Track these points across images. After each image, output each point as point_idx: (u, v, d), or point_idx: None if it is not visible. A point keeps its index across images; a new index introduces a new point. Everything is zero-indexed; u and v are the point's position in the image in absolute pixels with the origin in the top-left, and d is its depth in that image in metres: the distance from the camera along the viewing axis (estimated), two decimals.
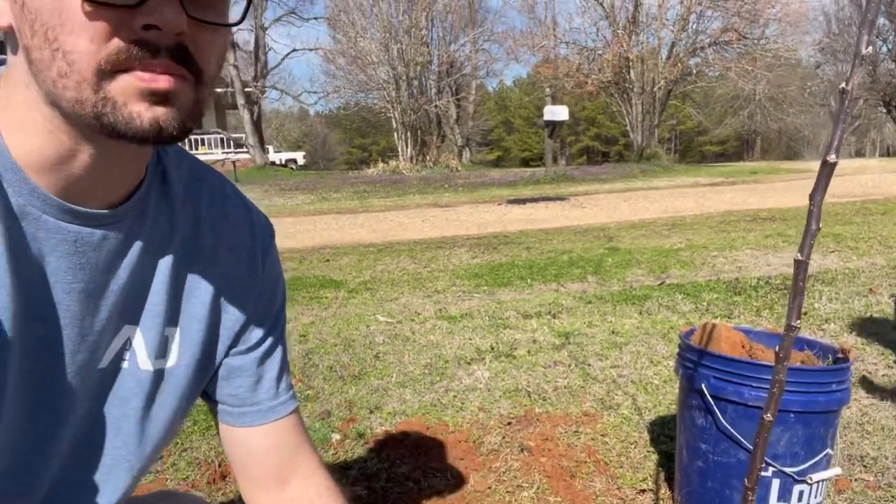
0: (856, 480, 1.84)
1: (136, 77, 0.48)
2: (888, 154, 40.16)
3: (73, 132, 0.52)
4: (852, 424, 2.19)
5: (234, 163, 23.01)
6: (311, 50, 31.23)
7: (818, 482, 1.48)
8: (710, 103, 39.79)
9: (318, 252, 6.83)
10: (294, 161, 31.32)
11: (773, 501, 1.48)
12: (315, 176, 23.08)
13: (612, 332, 3.33)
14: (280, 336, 0.82)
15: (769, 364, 1.50)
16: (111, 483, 0.69)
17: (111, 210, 0.59)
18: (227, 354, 0.76)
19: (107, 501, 0.69)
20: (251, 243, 0.76)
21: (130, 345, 0.67)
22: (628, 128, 27.85)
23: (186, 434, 2.29)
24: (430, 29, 31.66)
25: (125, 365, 0.67)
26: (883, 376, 2.62)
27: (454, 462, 2.05)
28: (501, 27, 34.43)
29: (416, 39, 29.50)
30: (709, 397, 1.52)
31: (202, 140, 26.66)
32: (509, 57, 32.93)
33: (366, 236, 8.07)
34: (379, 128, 45.36)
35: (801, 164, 22.64)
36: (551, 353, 3.07)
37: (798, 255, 0.62)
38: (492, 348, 3.15)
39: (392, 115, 29.87)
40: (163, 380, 0.70)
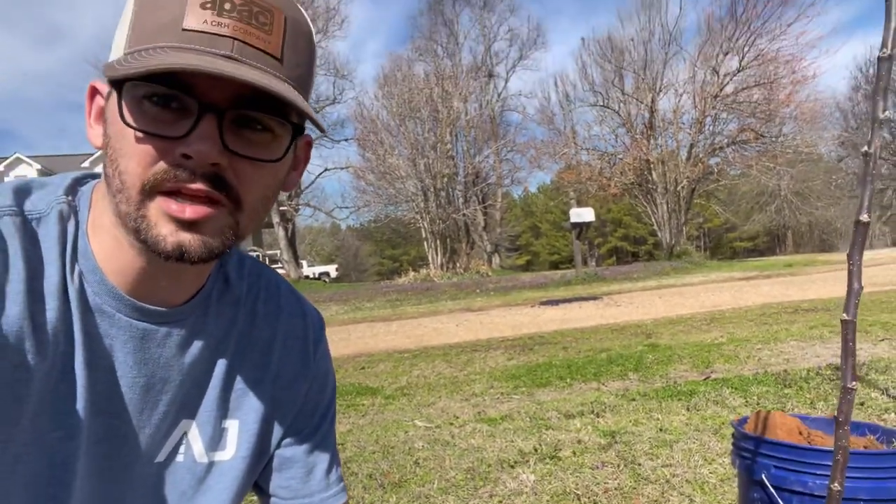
0: None
1: (167, 203, 0.53)
2: None
3: (131, 239, 0.57)
4: None
5: None
6: (342, 168, 32.77)
7: None
8: (736, 200, 39.99)
9: (354, 360, 6.82)
10: (327, 274, 31.99)
11: None
12: (348, 287, 23.43)
13: (661, 430, 3.21)
14: (330, 426, 0.82)
15: (831, 449, 1.43)
16: None
17: (176, 308, 0.64)
18: (279, 445, 0.77)
19: None
20: (304, 335, 0.79)
21: (186, 438, 0.69)
22: (655, 227, 28.03)
23: None
24: (454, 143, 33.19)
25: (180, 458, 0.69)
26: None
27: None
28: (523, 138, 35.75)
29: (442, 153, 30.85)
30: (771, 488, 1.45)
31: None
32: (532, 165, 33.95)
33: (400, 343, 8.05)
34: (409, 238, 46.39)
35: (837, 256, 22.27)
36: (598, 453, 2.95)
37: (844, 315, 0.63)
38: (535, 450, 3.05)
39: (421, 224, 30.68)
40: (218, 472, 0.71)
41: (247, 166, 0.55)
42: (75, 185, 0.63)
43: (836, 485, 0.62)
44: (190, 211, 0.53)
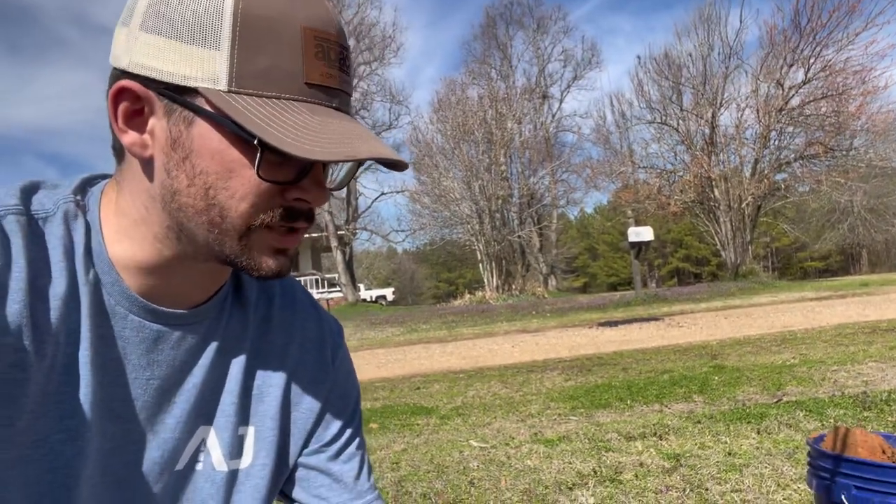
0: None
1: (274, 238, 0.57)
2: None
3: (180, 251, 0.58)
4: None
5: (328, 301, 24.01)
6: (398, 192, 33.24)
7: None
8: (805, 218, 38.25)
9: (409, 380, 6.81)
10: (384, 297, 32.29)
11: None
12: (404, 310, 23.58)
13: (729, 454, 3.04)
14: (356, 433, 0.79)
15: None
16: None
17: (190, 311, 0.63)
18: (301, 453, 0.75)
19: None
20: (320, 340, 0.77)
21: (205, 445, 0.67)
22: (719, 246, 27.06)
23: None
24: (509, 165, 33.19)
25: (200, 466, 0.67)
26: None
27: None
28: (578, 158, 35.37)
29: (497, 175, 30.89)
30: None
31: (300, 282, 28.18)
32: (588, 185, 33.46)
33: (456, 363, 8.00)
34: (464, 261, 46.46)
35: None
36: (661, 476, 2.82)
37: None
38: (594, 472, 2.94)
39: (476, 247, 30.67)
40: (238, 480, 0.69)
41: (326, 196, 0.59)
42: (85, 185, 0.62)
43: None
44: (292, 242, 0.59)
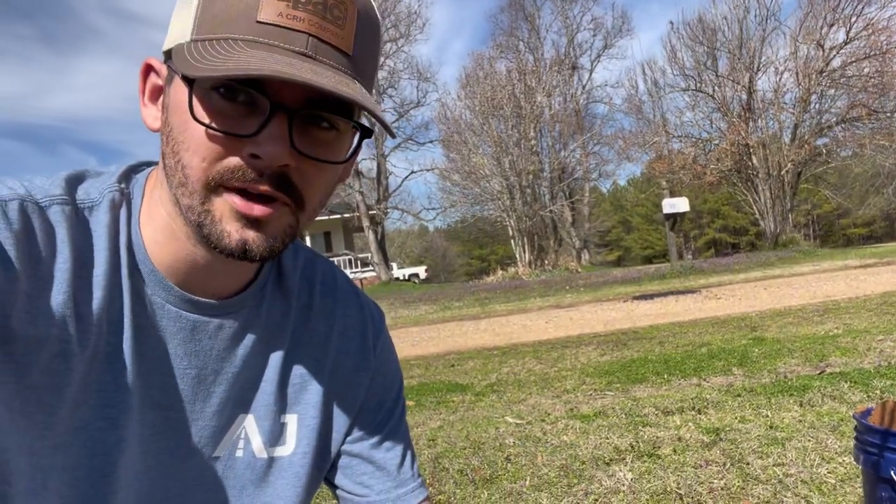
0: None
1: (233, 200, 0.52)
2: None
3: (188, 231, 0.56)
4: None
5: (361, 281, 24.27)
6: (428, 170, 33.19)
7: None
8: (848, 183, 36.94)
9: (443, 358, 6.85)
10: (416, 275, 32.48)
11: None
12: (437, 288, 23.69)
13: (771, 427, 2.98)
14: (399, 421, 0.79)
15: None
16: None
17: (227, 300, 0.62)
18: (345, 441, 0.74)
19: None
20: (362, 327, 0.76)
21: (245, 433, 0.67)
22: (757, 216, 26.41)
23: None
24: (539, 139, 32.78)
25: (240, 453, 0.67)
26: None
27: None
28: (610, 130, 34.72)
29: (527, 150, 30.56)
30: None
31: (339, 266, 28.49)
32: (621, 157, 32.88)
33: (489, 340, 8.01)
34: (496, 237, 46.35)
35: None
36: (701, 451, 2.78)
37: None
38: (632, 447, 2.91)
39: (508, 223, 30.52)
40: (279, 468, 0.69)
41: (312, 167, 0.54)
42: (129, 173, 0.63)
43: None
44: (258, 209, 0.52)
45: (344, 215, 29.21)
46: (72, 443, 0.54)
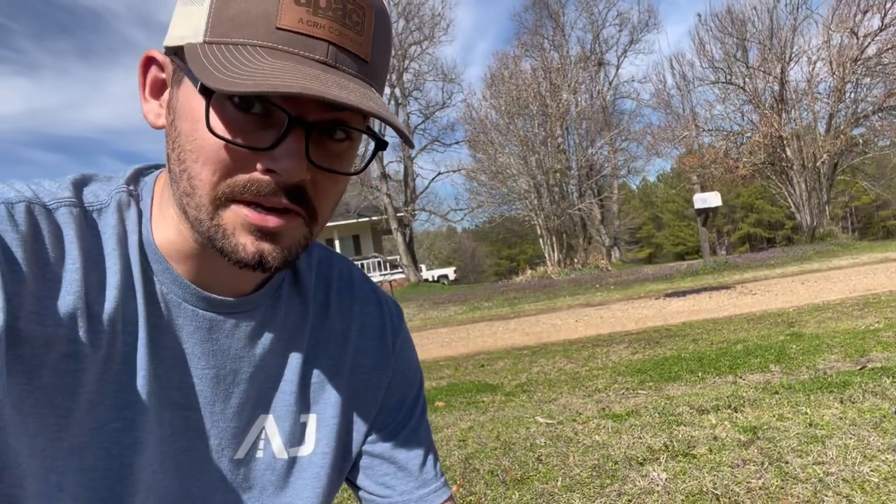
0: None
1: (246, 214, 0.50)
2: None
3: (198, 238, 0.55)
4: None
5: (390, 283, 24.39)
6: (454, 171, 33.18)
7: None
8: (887, 174, 35.84)
9: (473, 358, 6.83)
10: (445, 277, 32.52)
11: None
12: (466, 288, 23.67)
13: (810, 425, 2.89)
14: (420, 420, 0.78)
15: None
16: None
17: (243, 298, 0.62)
18: (365, 441, 0.74)
19: None
20: (381, 324, 0.75)
21: (265, 433, 0.66)
22: (793, 209, 25.79)
23: None
24: (565, 137, 32.54)
25: (260, 454, 0.66)
26: None
27: None
28: (638, 125, 34.30)
29: (553, 148, 30.36)
30: None
31: (362, 265, 28.74)
32: (650, 153, 32.44)
33: (519, 340, 7.97)
34: (524, 237, 46.14)
35: None
36: (737, 450, 2.71)
37: None
38: (666, 447, 2.86)
39: (536, 222, 30.35)
40: (299, 468, 0.69)
41: (326, 179, 0.53)
42: (138, 175, 0.62)
43: None
44: (272, 221, 0.51)
45: (372, 218, 29.41)
46: (88, 444, 0.54)
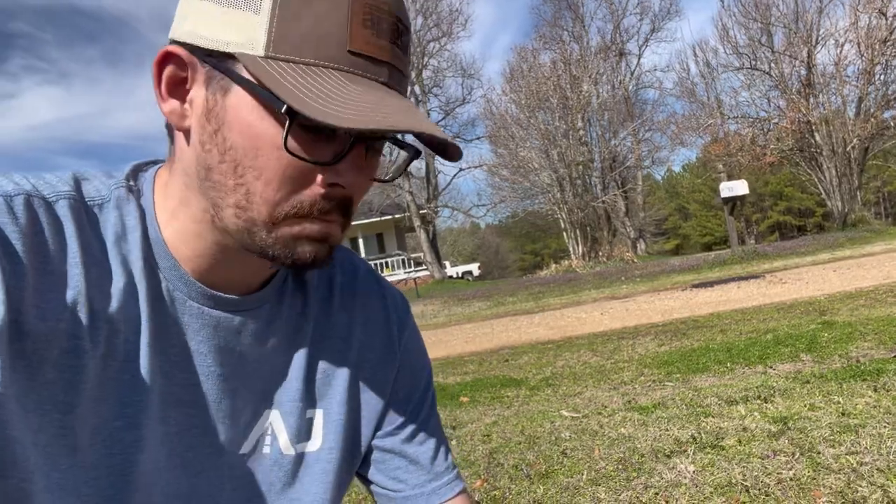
0: None
1: (309, 229, 0.52)
2: None
3: (218, 238, 0.55)
4: None
5: (415, 280, 24.44)
6: (476, 167, 33.10)
7: None
8: None
9: (497, 353, 6.80)
10: (470, 273, 32.47)
11: None
12: (490, 284, 23.62)
13: (843, 414, 2.82)
14: (430, 413, 0.77)
15: None
16: None
17: (249, 296, 0.61)
18: (374, 436, 0.73)
19: None
20: (385, 318, 0.74)
21: (272, 429, 0.66)
22: (823, 195, 25.22)
23: None
24: (587, 129, 32.24)
25: (266, 450, 0.66)
26: None
27: None
28: (662, 115, 33.81)
29: (575, 141, 30.10)
30: None
31: (386, 263, 28.83)
32: (674, 143, 31.95)
33: (543, 334, 7.92)
34: (548, 231, 45.88)
35: None
36: (767, 441, 2.65)
37: None
38: (694, 439, 2.81)
39: (559, 216, 30.16)
40: (307, 464, 0.68)
41: (366, 187, 0.55)
42: (137, 171, 0.61)
43: None
44: (326, 230, 0.53)
45: (395, 216, 29.48)
46: (90, 441, 0.53)
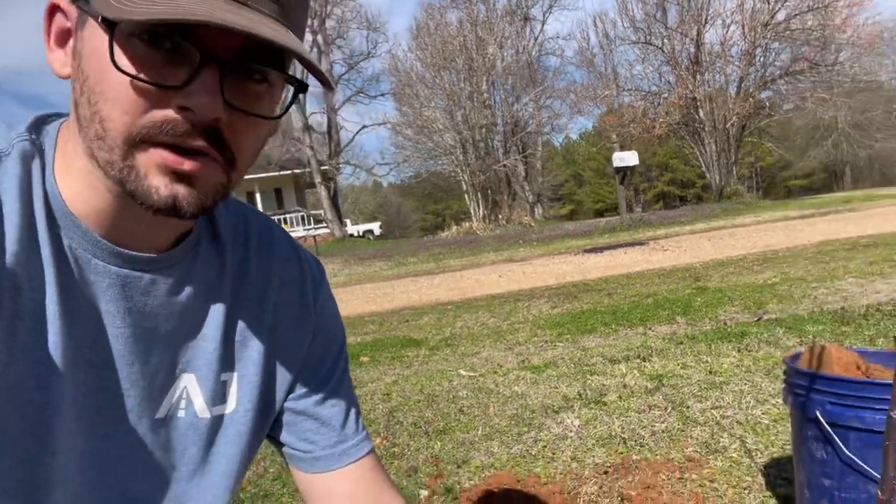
0: None
1: (162, 155, 0.49)
2: None
3: (110, 185, 0.53)
4: None
5: (314, 238, 23.97)
6: (379, 125, 32.72)
7: None
8: (790, 136, 38.13)
9: (398, 314, 6.88)
10: (371, 232, 32.27)
11: None
12: (391, 244, 23.64)
13: (710, 372, 3.12)
14: (343, 376, 0.78)
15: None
16: None
17: (160, 254, 0.59)
18: (287, 398, 0.74)
19: None
20: (301, 282, 0.75)
21: (186, 393, 0.65)
22: (703, 168, 27.08)
23: None
24: (491, 92, 32.49)
25: (181, 413, 0.65)
26: None
27: None
28: (562, 83, 34.71)
29: (479, 103, 30.31)
30: (826, 426, 1.37)
31: (284, 219, 28.01)
32: (573, 111, 33.05)
33: (443, 295, 8.09)
34: (450, 192, 46.28)
35: None
36: (644, 396, 2.90)
37: None
38: (580, 395, 3.02)
39: (461, 178, 30.48)
40: (222, 426, 0.68)
41: (244, 122, 0.51)
42: (39, 124, 0.58)
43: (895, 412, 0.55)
44: (189, 164, 0.49)
45: (295, 171, 28.57)
46: (4, 404, 0.52)
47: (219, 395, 0.67)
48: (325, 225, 28.23)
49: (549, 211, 40.60)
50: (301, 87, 0.54)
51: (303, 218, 28.85)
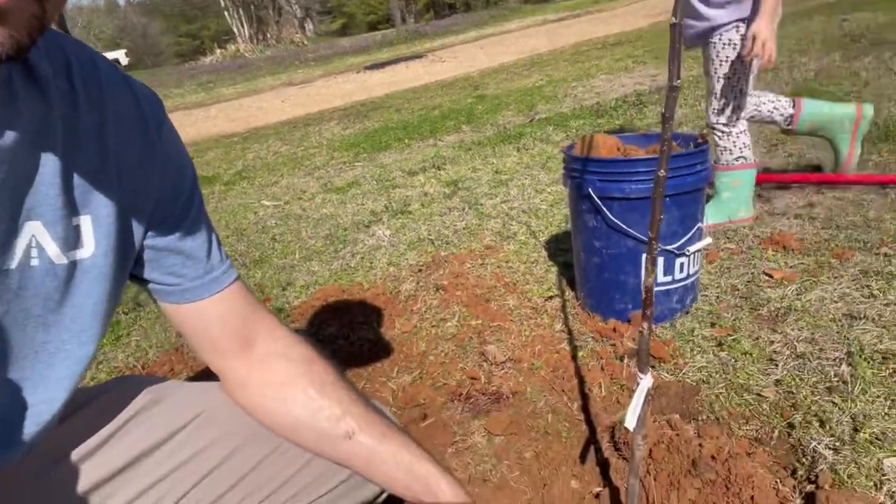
0: (722, 250, 2.15)
1: None
2: None
3: None
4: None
5: None
6: None
7: (694, 253, 1.72)
8: None
9: None
10: (116, 61, 27.84)
11: (661, 276, 1.72)
12: (146, 74, 20.81)
13: (496, 172, 3.48)
14: (200, 209, 0.79)
15: (645, 158, 1.67)
16: (52, 379, 0.68)
17: None
18: (146, 236, 0.74)
19: (52, 396, 0.68)
20: (139, 115, 0.71)
21: (36, 241, 0.63)
22: None
23: (98, 348, 2.21)
24: None
25: (35, 262, 0.63)
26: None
27: (376, 313, 2.16)
28: None
29: None
30: (596, 199, 1.69)
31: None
32: None
33: (225, 127, 7.57)
34: (206, 9, 40.91)
35: None
36: (444, 201, 3.18)
37: (673, 19, 0.67)
38: (386, 208, 3.21)
39: None
40: (82, 270, 0.67)
41: None
42: None
43: (661, 171, 0.73)
44: None
45: None
46: None
47: (73, 240, 0.66)
48: None
49: (321, 26, 38.24)
50: None
51: None
